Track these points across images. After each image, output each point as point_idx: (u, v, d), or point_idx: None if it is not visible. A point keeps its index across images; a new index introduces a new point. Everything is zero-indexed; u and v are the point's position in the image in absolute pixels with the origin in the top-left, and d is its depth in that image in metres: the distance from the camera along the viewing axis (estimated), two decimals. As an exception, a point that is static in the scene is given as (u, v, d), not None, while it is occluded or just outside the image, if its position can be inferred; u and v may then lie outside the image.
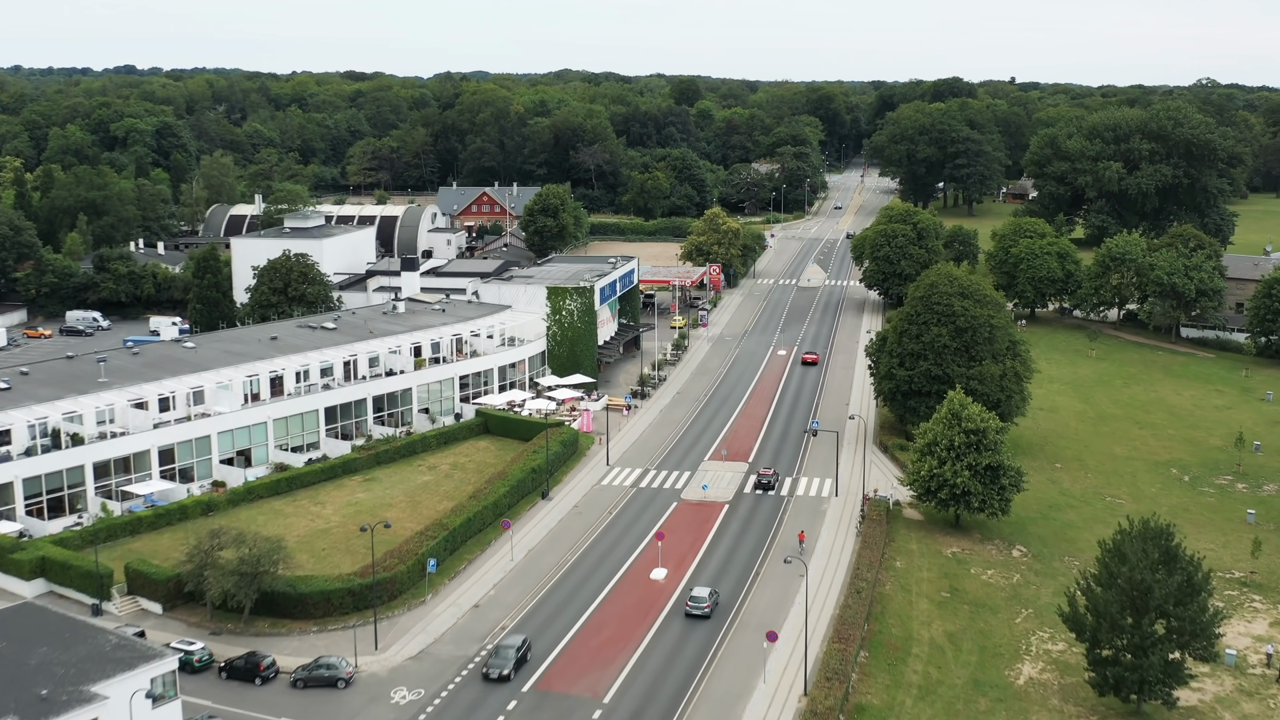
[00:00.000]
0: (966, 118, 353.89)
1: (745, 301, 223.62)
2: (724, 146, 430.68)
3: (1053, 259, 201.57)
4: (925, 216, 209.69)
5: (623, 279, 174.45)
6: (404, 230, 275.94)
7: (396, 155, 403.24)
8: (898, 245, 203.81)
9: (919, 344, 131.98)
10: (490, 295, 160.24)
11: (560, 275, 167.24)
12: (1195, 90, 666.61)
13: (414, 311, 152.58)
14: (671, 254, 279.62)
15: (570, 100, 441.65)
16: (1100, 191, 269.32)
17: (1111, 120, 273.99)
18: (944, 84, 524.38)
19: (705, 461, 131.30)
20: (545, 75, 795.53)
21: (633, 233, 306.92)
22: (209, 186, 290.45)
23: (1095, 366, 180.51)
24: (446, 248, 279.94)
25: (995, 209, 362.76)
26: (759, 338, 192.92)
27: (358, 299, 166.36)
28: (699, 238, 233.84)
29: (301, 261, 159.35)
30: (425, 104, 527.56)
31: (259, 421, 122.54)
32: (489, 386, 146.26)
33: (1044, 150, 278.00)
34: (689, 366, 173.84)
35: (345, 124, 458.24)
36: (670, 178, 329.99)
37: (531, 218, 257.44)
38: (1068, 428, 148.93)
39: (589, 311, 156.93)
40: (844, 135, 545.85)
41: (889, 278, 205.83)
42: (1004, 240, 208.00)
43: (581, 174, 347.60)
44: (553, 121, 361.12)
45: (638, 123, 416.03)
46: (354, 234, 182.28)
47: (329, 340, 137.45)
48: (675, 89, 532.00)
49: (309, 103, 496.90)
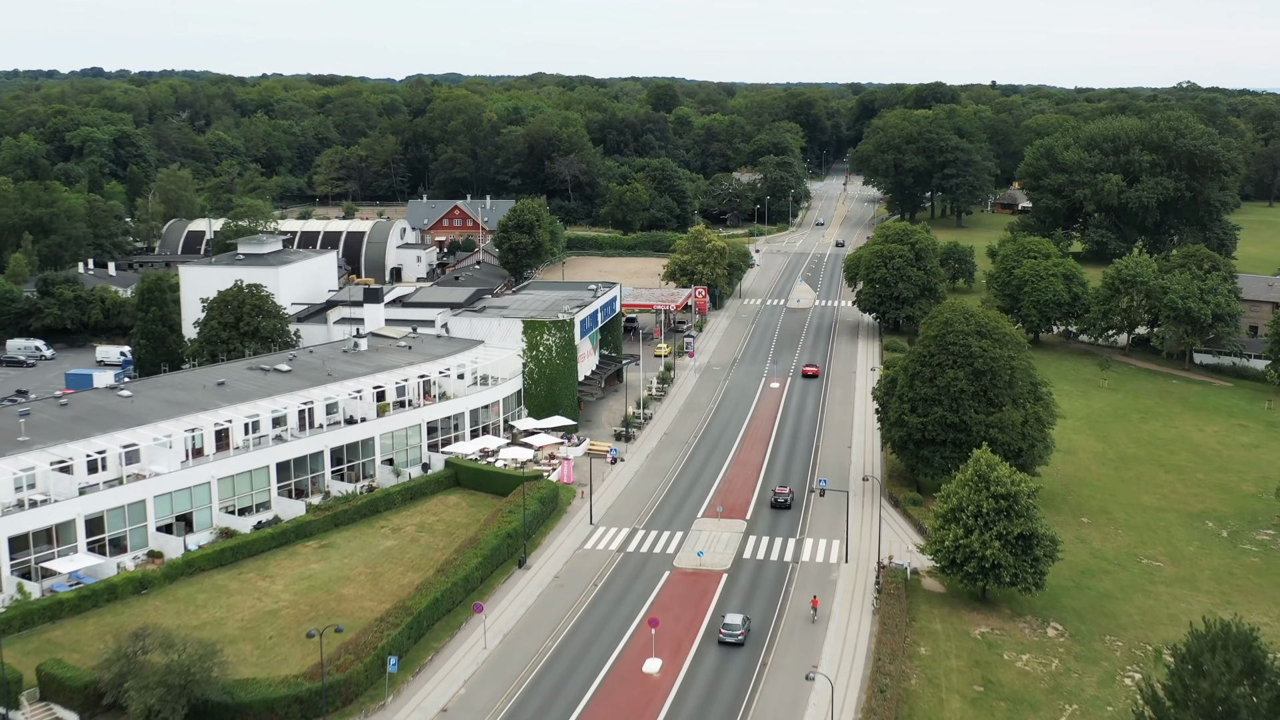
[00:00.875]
0: (954, 126, 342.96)
1: (732, 325, 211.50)
2: (703, 154, 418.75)
3: (1058, 281, 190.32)
4: (923, 236, 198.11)
5: (604, 308, 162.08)
6: (371, 247, 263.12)
7: (365, 164, 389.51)
8: (895, 267, 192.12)
9: (933, 388, 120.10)
10: (461, 329, 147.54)
11: (537, 306, 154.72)
12: (1176, 92, 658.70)
13: (377, 349, 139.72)
14: (652, 270, 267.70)
15: (545, 107, 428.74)
16: (1100, 205, 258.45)
17: (1110, 130, 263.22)
18: (926, 89, 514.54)
19: (698, 519, 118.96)
20: (519, 79, 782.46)
21: (611, 247, 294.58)
22: (165, 201, 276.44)
23: (1109, 398, 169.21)
24: (416, 265, 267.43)
25: (985, 219, 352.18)
26: (749, 367, 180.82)
27: (317, 332, 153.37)
28: (682, 256, 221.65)
29: (254, 293, 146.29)
30: (396, 110, 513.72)
31: (202, 482, 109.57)
32: (460, 432, 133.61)
33: (1039, 161, 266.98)
34: (676, 402, 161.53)
35: (312, 131, 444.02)
36: (649, 189, 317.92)
37: (506, 234, 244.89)
38: (1089, 473, 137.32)
39: (569, 347, 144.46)
40: (824, 141, 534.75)
41: (885, 301, 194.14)
42: (1007, 261, 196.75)
43: (557, 185, 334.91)
44: (527, 130, 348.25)
45: (615, 130, 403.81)
46: (314, 260, 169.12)
47: (283, 385, 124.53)
48: (652, 94, 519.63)
49: (275, 109, 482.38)
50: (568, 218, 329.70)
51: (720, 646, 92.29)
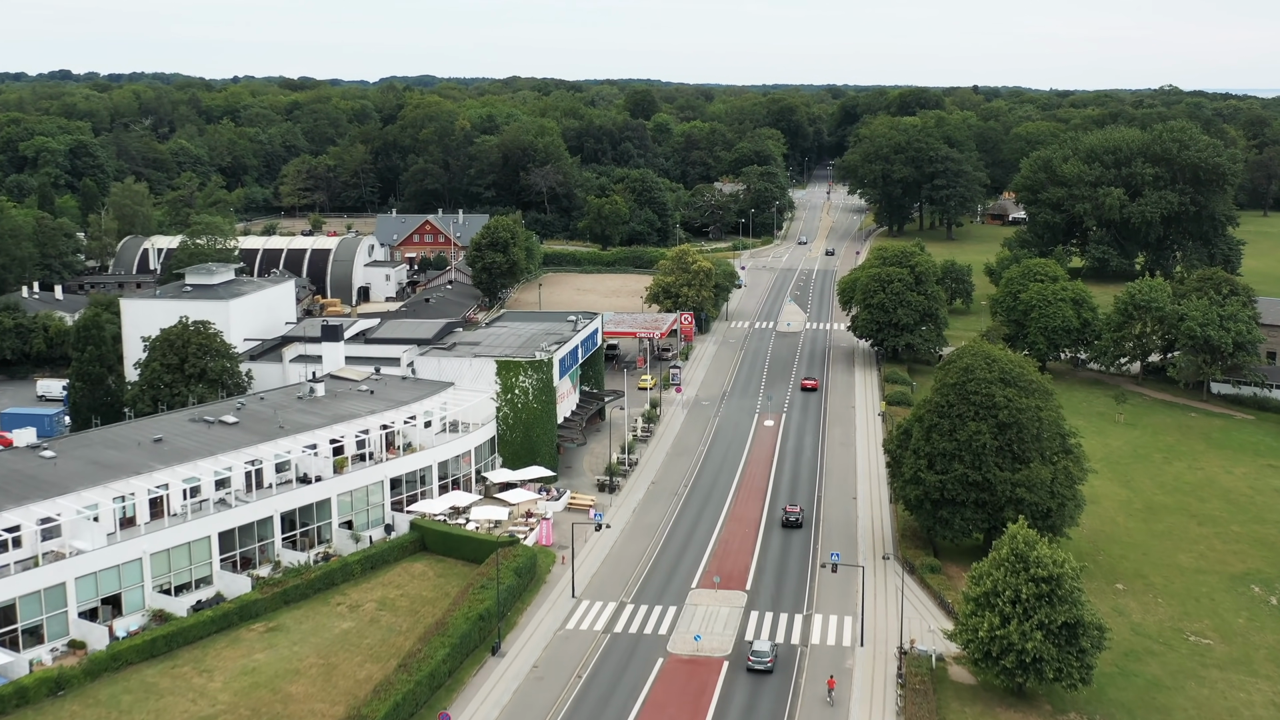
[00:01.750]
0: (944, 134, 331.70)
1: (720, 351, 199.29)
2: (683, 163, 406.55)
3: (1067, 306, 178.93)
4: (923, 259, 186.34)
5: (585, 343, 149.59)
6: (337, 265, 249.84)
7: (333, 175, 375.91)
8: (894, 292, 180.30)
9: (953, 443, 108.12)
10: (429, 369, 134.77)
11: (511, 342, 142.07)
12: (1160, 96, 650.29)
13: (335, 394, 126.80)
14: (633, 288, 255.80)
15: (520, 114, 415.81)
16: (1101, 220, 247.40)
17: (1111, 142, 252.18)
18: (910, 95, 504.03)
19: (693, 591, 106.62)
20: (494, 83, 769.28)
21: (590, 263, 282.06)
22: (119, 217, 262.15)
23: (1126, 435, 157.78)
24: (385, 284, 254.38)
25: (975, 231, 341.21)
26: (740, 402, 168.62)
27: (272, 372, 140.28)
28: (665, 277, 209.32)
29: (201, 331, 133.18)
30: (366, 116, 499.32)
31: (132, 558, 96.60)
32: (427, 487, 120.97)
33: (1037, 174, 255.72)
34: (663, 443, 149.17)
35: (280, 139, 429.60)
36: (629, 201, 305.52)
37: (479, 253, 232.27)
38: (1116, 526, 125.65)
39: (547, 388, 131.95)
40: (806, 148, 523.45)
41: (884, 328, 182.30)
42: (1011, 285, 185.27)
43: (533, 197, 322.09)
44: (501, 140, 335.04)
45: (592, 138, 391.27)
46: (269, 290, 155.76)
47: (228, 440, 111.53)
48: (630, 100, 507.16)
49: (242, 116, 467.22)
50: (544, 231, 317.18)
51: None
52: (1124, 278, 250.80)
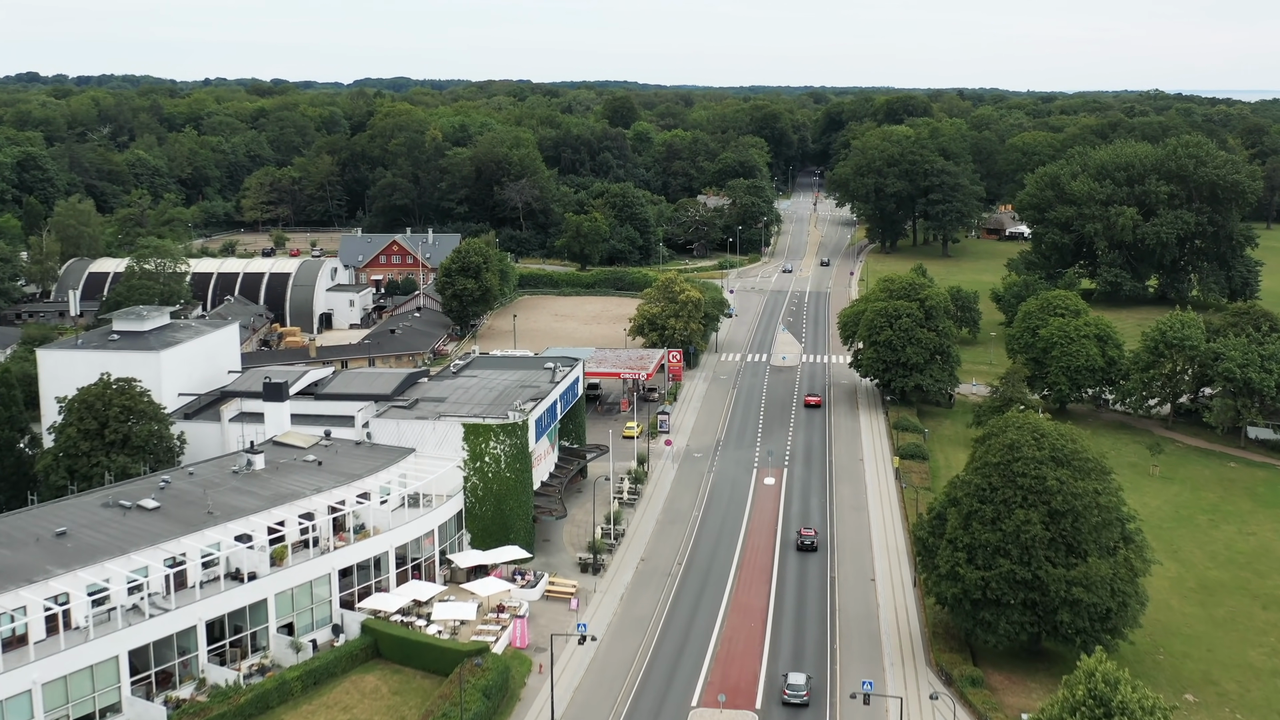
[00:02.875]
0: (938, 146, 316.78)
1: (711, 390, 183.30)
2: (664, 173, 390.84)
3: (1091, 344, 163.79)
4: (933, 291, 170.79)
5: (565, 395, 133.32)
6: (297, 290, 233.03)
7: (298, 187, 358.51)
8: (902, 328, 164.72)
9: (997, 534, 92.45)
10: (387, 433, 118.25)
11: (481, 397, 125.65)
12: (1147, 100, 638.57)
13: (277, 467, 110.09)
14: (614, 312, 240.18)
15: (494, 123, 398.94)
16: (1113, 241, 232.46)
17: (1123, 158, 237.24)
18: (897, 102, 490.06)
19: (694, 711, 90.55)
20: (468, 87, 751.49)
21: (568, 284, 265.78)
22: (63, 237, 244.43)
23: (1163, 491, 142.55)
24: (349, 310, 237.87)
25: (972, 247, 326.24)
26: (736, 453, 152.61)
27: (209, 434, 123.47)
28: (651, 308, 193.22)
29: (125, 390, 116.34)
30: (335, 124, 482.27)
31: (20, 691, 79.93)
32: (383, 577, 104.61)
33: (1044, 192, 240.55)
34: (653, 507, 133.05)
35: (244, 148, 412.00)
36: (609, 217, 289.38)
37: (449, 278, 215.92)
38: (1172, 613, 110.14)
39: (521, 455, 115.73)
40: (790, 156, 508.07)
41: (891, 367, 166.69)
42: (1029, 319, 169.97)
43: (508, 213, 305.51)
44: (474, 152, 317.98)
45: (570, 148, 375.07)
46: (209, 336, 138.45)
47: (146, 531, 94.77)
48: (608, 107, 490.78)
49: (205, 124, 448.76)
50: (519, 249, 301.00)
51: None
52: (1137, 302, 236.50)
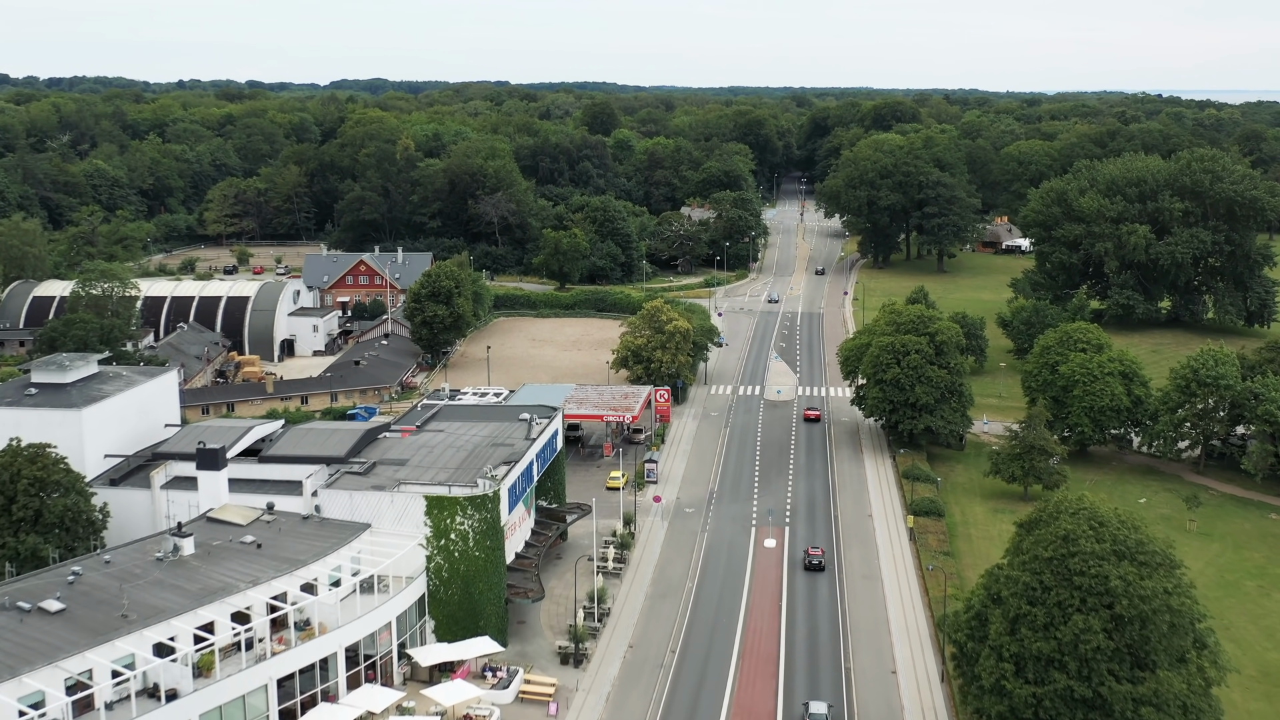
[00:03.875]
0: (932, 156, 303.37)
1: (701, 429, 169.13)
2: (646, 183, 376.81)
3: (1116, 382, 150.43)
4: (945, 325, 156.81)
5: (543, 452, 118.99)
6: (257, 316, 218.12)
7: (264, 199, 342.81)
8: (911, 365, 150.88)
9: (1051, 643, 78.65)
10: (338, 505, 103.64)
11: (447, 459, 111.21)
12: (1140, 104, 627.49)
13: (209, 551, 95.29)
14: (595, 336, 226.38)
15: (469, 132, 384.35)
16: (1124, 261, 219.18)
17: (1135, 173, 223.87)
18: (885, 108, 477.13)
19: None
20: (444, 91, 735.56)
21: (546, 306, 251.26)
22: (7, 259, 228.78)
23: (1204, 551, 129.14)
24: (313, 336, 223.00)
25: (968, 261, 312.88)
26: (731, 507, 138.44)
27: (138, 504, 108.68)
28: (636, 339, 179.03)
29: (38, 457, 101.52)
30: (305, 131, 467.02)
31: None
32: (331, 682, 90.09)
33: (1050, 208, 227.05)
34: (641, 577, 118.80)
35: (209, 157, 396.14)
36: (590, 232, 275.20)
37: (418, 304, 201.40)
38: (1235, 712, 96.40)
39: (492, 530, 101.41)
40: (775, 163, 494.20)
41: (899, 408, 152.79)
42: (1048, 355, 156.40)
43: (483, 227, 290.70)
44: (447, 165, 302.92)
45: (548, 157, 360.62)
46: (142, 387, 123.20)
47: (45, 642, 79.96)
48: (588, 113, 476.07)
49: (169, 131, 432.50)
50: (495, 266, 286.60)
51: None
52: (1149, 325, 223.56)
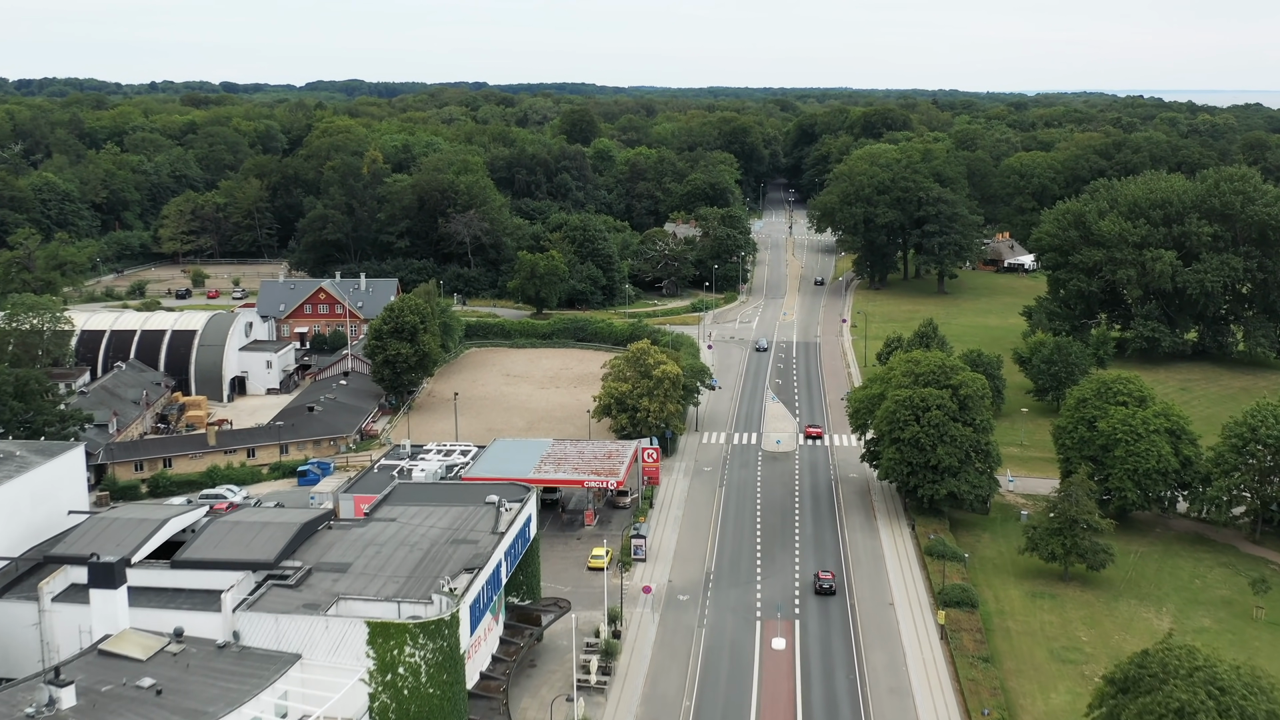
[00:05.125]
0: (932, 170, 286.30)
1: (693, 488, 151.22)
2: (628, 195, 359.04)
3: (1162, 441, 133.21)
4: (969, 376, 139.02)
5: (513, 548, 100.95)
6: (204, 351, 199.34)
7: (223, 215, 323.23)
8: (932, 423, 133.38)
9: None
10: (262, 632, 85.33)
11: (397, 563, 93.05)
12: (1134, 110, 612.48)
13: (95, 703, 76.88)
14: (575, 370, 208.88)
15: (441, 143, 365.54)
16: (1148, 290, 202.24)
17: (1159, 194, 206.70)
18: (875, 115, 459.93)
19: None
20: (419, 95, 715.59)
21: (521, 335, 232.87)
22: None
23: (1275, 644, 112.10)
24: (266, 372, 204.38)
25: (969, 281, 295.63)
26: (731, 593, 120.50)
27: (22, 620, 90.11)
28: (619, 384, 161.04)
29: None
30: (271, 139, 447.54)
31: None
32: None
33: (1067, 232, 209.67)
34: (629, 696, 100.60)
35: (168, 168, 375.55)
36: (568, 253, 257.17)
37: (380, 342, 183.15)
38: None
39: (449, 661, 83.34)
40: (761, 172, 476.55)
41: (918, 471, 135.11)
42: (1085, 409, 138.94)
43: (454, 247, 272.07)
44: (416, 181, 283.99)
45: (524, 169, 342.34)
46: (38, 471, 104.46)
47: None
48: (566, 121, 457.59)
49: (128, 140, 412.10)
50: (467, 289, 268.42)
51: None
52: (1176, 359, 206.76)
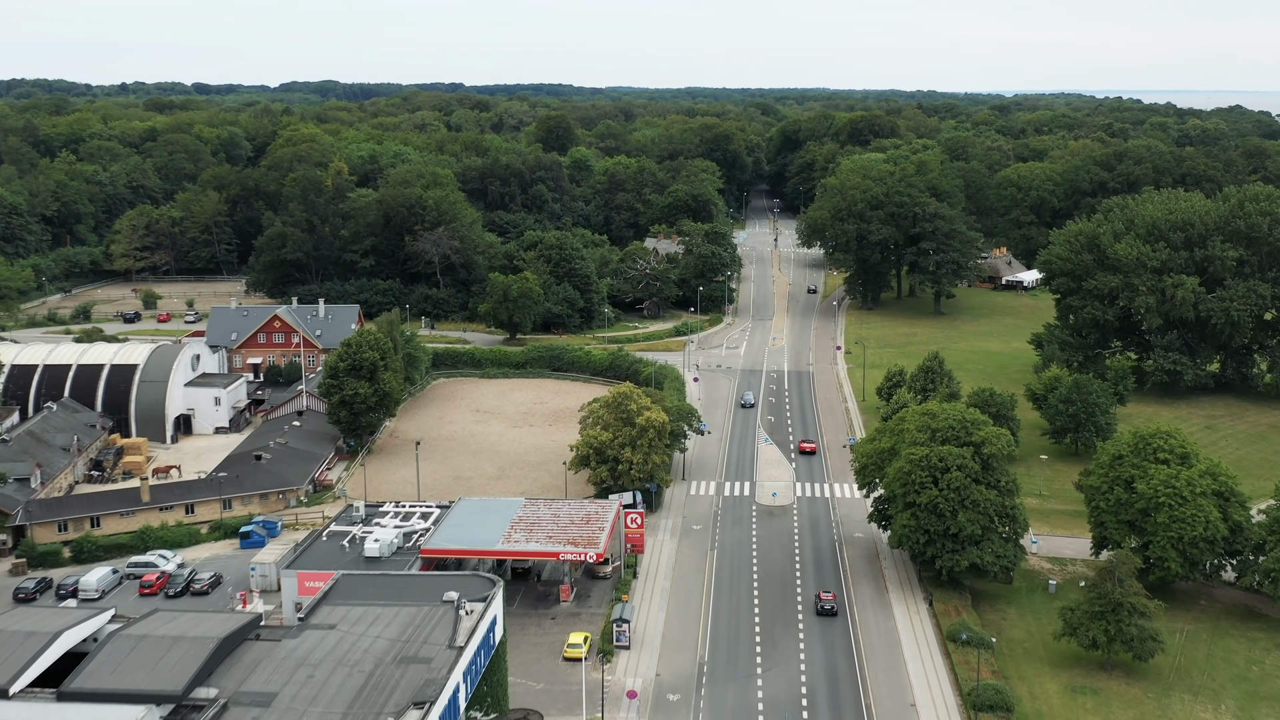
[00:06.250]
0: (927, 183, 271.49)
1: (682, 553, 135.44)
2: (607, 207, 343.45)
3: (1210, 505, 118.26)
4: (992, 432, 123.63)
5: (475, 658, 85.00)
6: (146, 388, 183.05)
7: (179, 230, 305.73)
8: (953, 486, 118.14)
9: None
10: (159, 793, 69.38)
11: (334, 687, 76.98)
12: (1119, 114, 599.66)
13: None
14: (550, 404, 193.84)
15: (410, 153, 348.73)
16: (1169, 319, 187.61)
17: (1179, 215, 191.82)
18: (861, 121, 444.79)
19: None
20: (390, 100, 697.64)
21: (493, 364, 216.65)
22: None
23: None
24: (214, 410, 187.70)
25: (966, 300, 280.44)
26: (728, 694, 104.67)
27: None
28: (600, 433, 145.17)
29: None
30: (235, 146, 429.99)
31: None
32: None
33: (1080, 256, 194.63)
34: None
35: (124, 178, 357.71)
36: (544, 273, 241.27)
37: (336, 381, 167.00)
38: None
39: (391, 830, 67.40)
40: (744, 180, 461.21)
41: (936, 540, 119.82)
42: (1121, 467, 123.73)
43: (422, 267, 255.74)
44: (382, 195, 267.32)
45: (498, 179, 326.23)
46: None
47: None
48: (542, 128, 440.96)
49: (83, 148, 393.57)
50: (436, 311, 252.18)
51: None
52: (1198, 392, 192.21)
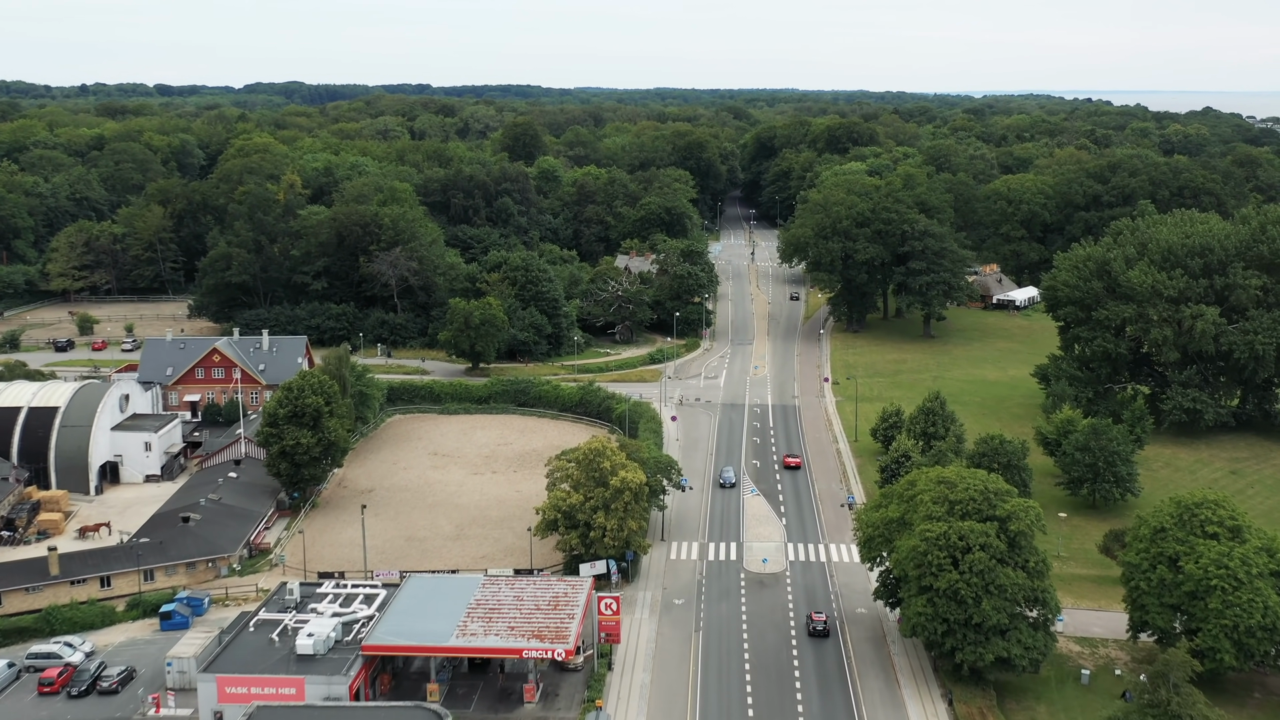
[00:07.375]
0: (915, 199, 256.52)
1: (662, 637, 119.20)
2: (576, 220, 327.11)
3: (1267, 587, 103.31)
4: (1019, 506, 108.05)
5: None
6: (67, 433, 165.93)
7: (121, 247, 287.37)
8: (975, 569, 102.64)
9: None
10: None
11: None
12: (1099, 119, 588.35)
13: None
14: (515, 446, 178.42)
15: (368, 164, 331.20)
16: (1186, 352, 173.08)
17: (1197, 240, 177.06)
18: (840, 128, 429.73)
19: None
20: (352, 105, 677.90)
21: (453, 399, 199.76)
22: None
23: None
24: (144, 456, 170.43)
25: (957, 321, 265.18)
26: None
27: None
28: (569, 495, 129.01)
29: None
30: (187, 155, 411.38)
31: None
32: None
33: (1089, 283, 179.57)
34: None
35: (67, 190, 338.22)
36: (509, 297, 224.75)
37: (275, 429, 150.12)
38: None
39: None
40: (719, 189, 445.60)
41: (956, 630, 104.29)
42: (1163, 541, 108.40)
43: (378, 289, 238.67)
44: (335, 213, 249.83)
45: (461, 192, 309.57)
46: None
47: None
48: (508, 136, 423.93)
49: (25, 157, 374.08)
50: (394, 338, 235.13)
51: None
52: (1218, 431, 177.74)
